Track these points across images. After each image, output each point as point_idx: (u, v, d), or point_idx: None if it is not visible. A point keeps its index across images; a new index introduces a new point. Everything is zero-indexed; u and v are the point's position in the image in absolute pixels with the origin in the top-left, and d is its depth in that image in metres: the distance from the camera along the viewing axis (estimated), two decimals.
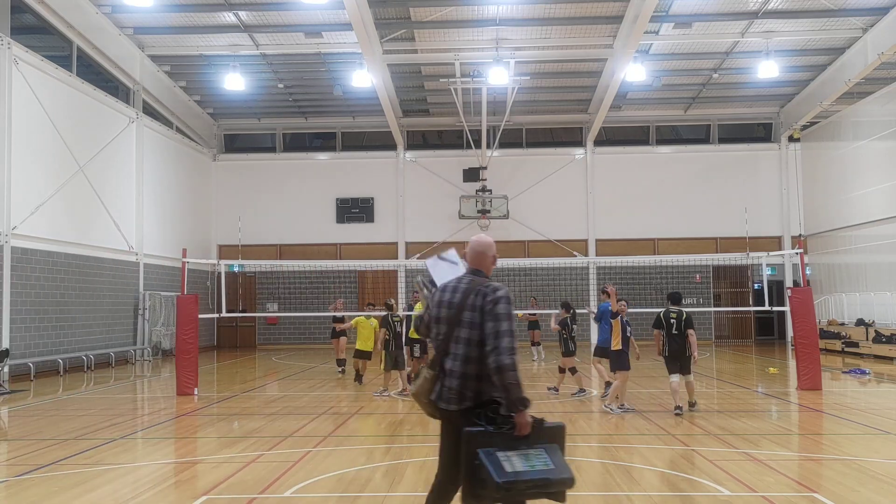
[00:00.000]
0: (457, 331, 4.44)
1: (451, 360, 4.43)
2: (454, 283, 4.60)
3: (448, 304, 4.52)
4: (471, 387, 4.37)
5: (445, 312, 4.52)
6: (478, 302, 4.41)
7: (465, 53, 22.84)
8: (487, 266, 4.70)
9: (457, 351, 4.43)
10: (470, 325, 4.40)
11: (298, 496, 6.92)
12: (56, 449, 9.23)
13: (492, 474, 4.02)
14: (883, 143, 22.98)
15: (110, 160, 21.66)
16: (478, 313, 4.39)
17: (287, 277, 28.14)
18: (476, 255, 4.70)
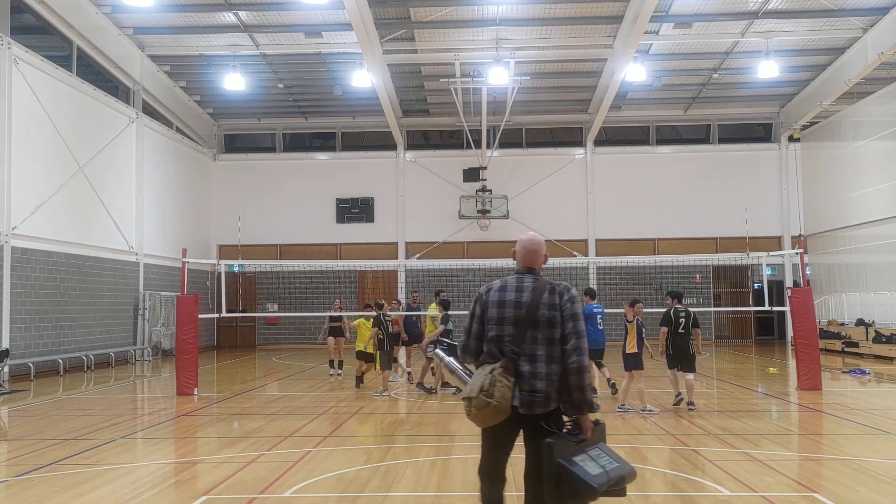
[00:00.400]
0: (531, 331, 4.24)
1: (531, 363, 4.20)
2: (515, 283, 4.40)
3: (515, 304, 4.30)
4: (555, 388, 4.21)
5: (513, 313, 4.29)
6: (555, 300, 4.27)
7: (465, 53, 22.84)
8: (540, 265, 4.56)
9: (536, 352, 4.22)
10: (549, 324, 4.24)
11: (298, 496, 6.92)
12: (56, 449, 9.23)
13: (587, 481, 3.96)
14: (883, 143, 22.98)
15: (110, 160, 21.66)
16: (557, 312, 4.25)
17: (287, 277, 28.15)
18: (529, 254, 4.55)
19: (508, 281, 4.43)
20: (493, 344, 4.30)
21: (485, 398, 4.13)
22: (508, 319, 4.28)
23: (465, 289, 26.72)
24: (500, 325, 4.30)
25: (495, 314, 4.32)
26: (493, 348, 4.29)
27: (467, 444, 9.32)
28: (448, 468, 7.91)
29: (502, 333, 4.28)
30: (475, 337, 4.40)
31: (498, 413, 4.14)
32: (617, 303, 27.22)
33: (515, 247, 4.59)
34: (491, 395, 4.12)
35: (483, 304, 4.39)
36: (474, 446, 9.10)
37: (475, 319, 4.41)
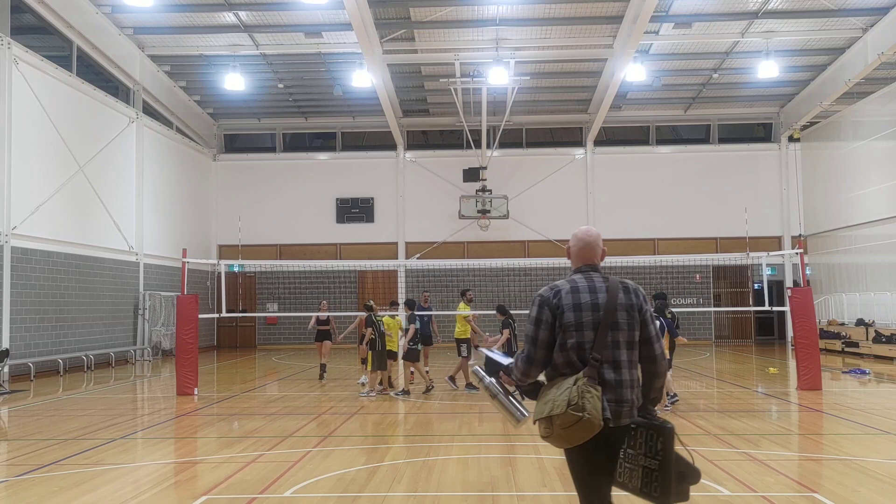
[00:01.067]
0: (612, 335, 3.88)
1: (615, 369, 3.85)
2: (585, 283, 3.99)
3: (592, 307, 3.90)
4: (637, 395, 3.93)
5: (591, 316, 3.89)
6: (632, 300, 3.97)
7: (465, 53, 22.84)
8: (600, 260, 4.17)
9: (619, 357, 3.88)
10: (628, 327, 3.92)
11: (298, 496, 6.92)
12: (56, 449, 9.23)
13: (690, 462, 3.81)
14: (883, 143, 22.99)
15: (110, 160, 21.66)
16: (635, 313, 3.95)
17: (287, 277, 28.15)
18: (588, 248, 4.15)
19: (577, 281, 4.01)
20: (574, 352, 3.87)
21: (574, 413, 3.69)
22: (587, 324, 3.88)
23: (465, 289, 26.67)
24: (579, 330, 3.88)
25: (573, 319, 3.89)
26: (572, 357, 3.86)
27: (467, 444, 9.33)
28: (448, 468, 7.91)
29: (582, 340, 3.87)
30: (544, 346, 3.93)
31: (589, 428, 3.71)
32: None
33: (570, 243, 4.19)
34: (581, 408, 3.69)
35: (554, 308, 3.93)
36: (474, 446, 9.15)
37: (544, 326, 3.92)
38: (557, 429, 3.74)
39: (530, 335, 3.96)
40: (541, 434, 3.87)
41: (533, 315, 3.97)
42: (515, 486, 7.11)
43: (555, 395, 3.79)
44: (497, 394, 4.11)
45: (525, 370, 3.97)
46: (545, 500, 6.67)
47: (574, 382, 3.76)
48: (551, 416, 3.75)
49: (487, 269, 27.48)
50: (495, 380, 4.14)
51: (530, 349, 3.95)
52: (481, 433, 10.22)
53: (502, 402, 4.12)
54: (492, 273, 27.59)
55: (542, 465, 8.03)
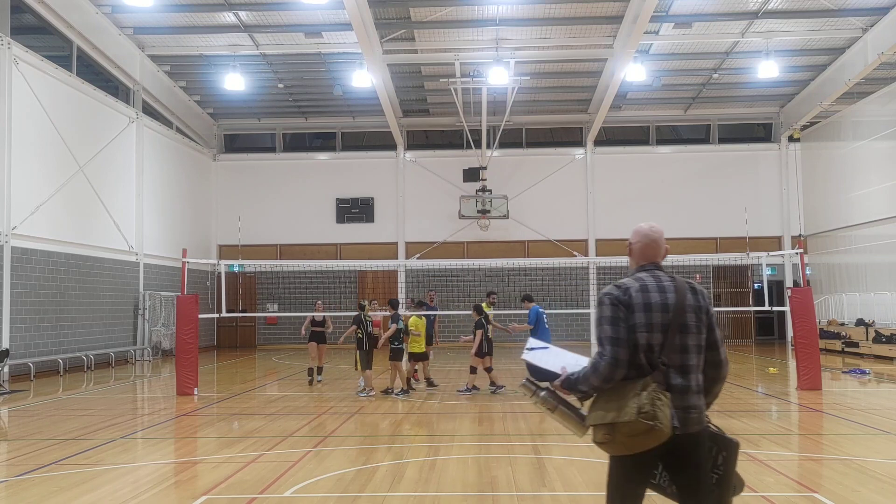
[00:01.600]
0: (680, 338, 3.67)
1: (683, 374, 3.64)
2: (653, 282, 3.77)
3: (662, 307, 3.69)
4: (704, 401, 3.74)
5: (660, 317, 3.67)
6: (699, 301, 3.76)
7: (465, 53, 22.84)
8: (662, 258, 3.95)
9: (687, 361, 3.66)
10: (697, 329, 3.71)
11: (298, 496, 6.92)
12: (56, 449, 9.23)
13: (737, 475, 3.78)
14: (883, 143, 22.98)
15: (110, 160, 21.66)
16: (703, 315, 3.75)
17: (287, 277, 28.15)
18: (656, 246, 3.91)
19: (644, 279, 3.78)
20: (643, 355, 3.63)
21: (645, 421, 3.45)
22: (657, 325, 3.65)
23: (465, 289, 26.75)
24: (648, 332, 3.65)
25: (644, 319, 3.66)
26: (640, 359, 3.63)
27: (467, 444, 9.33)
28: (448, 468, 7.91)
29: (652, 342, 3.64)
30: (627, 345, 3.65)
31: (658, 437, 3.48)
32: None
33: (631, 239, 3.96)
34: (653, 416, 3.45)
35: (627, 306, 3.69)
36: (474, 446, 9.15)
37: (623, 325, 3.66)
38: (621, 436, 3.51)
39: (611, 335, 3.65)
40: (595, 439, 3.63)
41: (608, 314, 3.70)
42: (515, 486, 7.11)
43: (619, 400, 3.55)
44: (557, 405, 3.82)
45: (609, 375, 3.62)
46: (545, 500, 6.67)
47: (643, 388, 3.53)
48: (615, 422, 3.52)
49: (487, 269, 27.47)
50: (548, 391, 3.84)
51: (614, 350, 3.63)
52: (481, 433, 10.22)
53: (566, 413, 3.81)
54: (492, 273, 27.59)
55: (542, 464, 8.03)
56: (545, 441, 9.43)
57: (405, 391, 14.01)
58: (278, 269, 27.81)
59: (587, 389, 3.70)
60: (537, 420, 11.16)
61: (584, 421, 3.74)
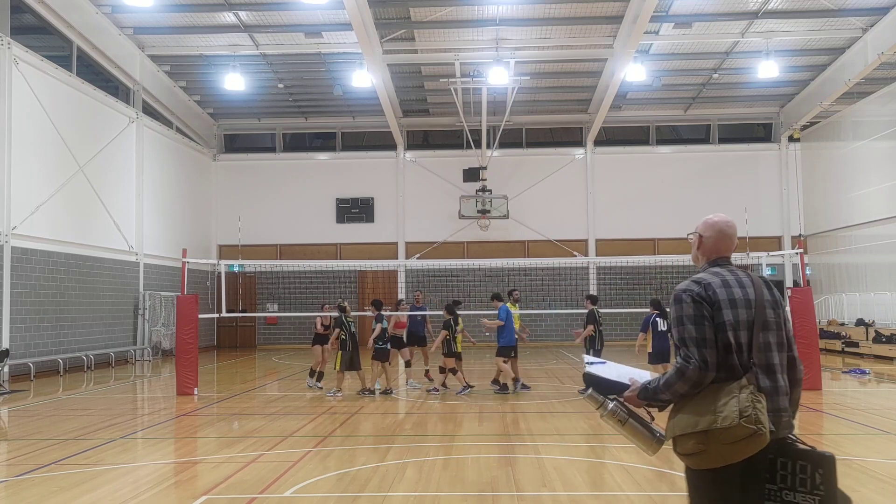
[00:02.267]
0: (764, 335, 3.41)
1: (770, 375, 3.37)
2: (732, 277, 3.51)
3: (745, 303, 3.43)
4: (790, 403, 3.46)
5: (745, 314, 3.40)
6: (776, 297, 3.53)
7: (465, 53, 22.84)
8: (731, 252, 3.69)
9: (772, 361, 3.40)
10: (777, 326, 3.47)
11: (298, 496, 6.92)
12: (56, 449, 9.23)
13: None
14: (883, 143, 22.98)
15: (110, 160, 21.66)
16: (781, 311, 3.52)
17: (287, 277, 28.14)
18: (729, 240, 3.65)
19: (723, 275, 3.51)
20: (733, 355, 3.34)
21: (748, 425, 3.16)
22: (743, 323, 3.39)
23: (465, 289, 26.73)
24: (735, 330, 3.37)
25: (731, 317, 3.38)
26: (731, 360, 3.33)
27: (467, 444, 9.33)
28: (448, 468, 7.91)
29: (739, 340, 3.36)
30: (715, 345, 3.35)
31: (759, 443, 3.19)
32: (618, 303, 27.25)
33: (701, 231, 3.67)
34: (755, 419, 3.17)
35: (711, 303, 3.41)
36: (474, 446, 9.15)
37: (708, 324, 3.37)
38: (718, 444, 3.19)
39: (696, 336, 3.34)
40: (683, 450, 3.29)
41: (690, 313, 3.38)
42: (515, 486, 7.11)
43: (715, 404, 3.24)
44: (627, 418, 3.53)
45: (699, 380, 3.31)
46: (545, 500, 6.67)
47: (740, 390, 3.24)
48: (710, 429, 3.20)
49: (487, 269, 27.47)
50: (618, 402, 3.56)
51: (702, 352, 3.32)
52: (481, 433, 10.22)
53: (637, 427, 3.52)
54: (492, 273, 27.58)
55: (542, 465, 8.03)
56: (545, 441, 9.43)
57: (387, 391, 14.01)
58: (278, 269, 27.81)
59: (670, 398, 3.40)
60: (537, 420, 11.17)
61: (657, 435, 3.50)
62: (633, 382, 3.55)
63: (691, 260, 3.75)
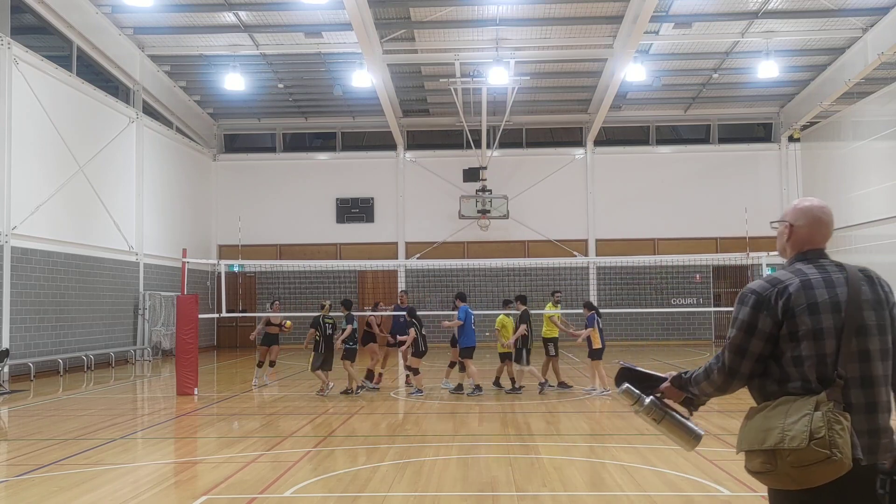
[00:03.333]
0: (858, 342, 2.89)
1: (867, 389, 2.87)
2: (819, 275, 3.02)
3: (832, 306, 2.92)
4: None
5: (831, 320, 2.90)
6: (879, 294, 2.99)
7: (465, 53, 22.84)
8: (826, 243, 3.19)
9: (871, 372, 2.89)
10: (880, 331, 2.93)
11: (298, 496, 6.92)
12: (56, 449, 9.23)
13: None
14: (883, 143, 22.98)
15: (110, 160, 21.66)
16: (885, 311, 2.97)
17: (287, 277, 28.13)
18: (825, 229, 3.17)
19: (806, 272, 3.03)
20: (812, 367, 2.89)
21: (819, 450, 2.72)
22: (828, 330, 2.89)
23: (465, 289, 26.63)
24: (818, 339, 2.89)
25: (809, 324, 2.91)
26: (808, 374, 2.89)
27: (467, 444, 9.33)
28: (448, 468, 7.91)
29: (822, 351, 2.88)
30: (754, 358, 3.02)
31: (837, 470, 2.73)
32: (618, 303, 27.27)
33: (791, 220, 3.17)
34: (830, 443, 2.71)
35: (779, 311, 2.95)
36: (474, 446, 9.15)
37: (759, 336, 2.98)
38: (787, 466, 2.79)
39: (737, 343, 3.03)
40: (752, 468, 2.93)
41: (743, 318, 3.01)
42: (515, 486, 7.11)
43: (784, 420, 2.84)
44: (665, 415, 3.32)
45: (722, 385, 3.13)
46: (545, 500, 6.67)
47: (816, 407, 2.80)
48: (778, 448, 2.80)
49: (487, 269, 27.47)
50: (655, 398, 3.35)
51: (734, 360, 3.05)
52: (481, 433, 10.23)
53: (675, 423, 3.33)
54: (492, 273, 27.58)
55: (542, 464, 8.03)
56: (545, 441, 9.43)
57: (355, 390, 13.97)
58: (278, 269, 27.79)
59: (697, 393, 3.23)
60: (537, 420, 11.17)
61: (695, 433, 3.31)
62: (669, 375, 3.38)
63: (778, 252, 3.27)
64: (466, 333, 14.05)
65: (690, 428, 3.34)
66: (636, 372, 3.47)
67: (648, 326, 28.26)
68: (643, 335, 28.17)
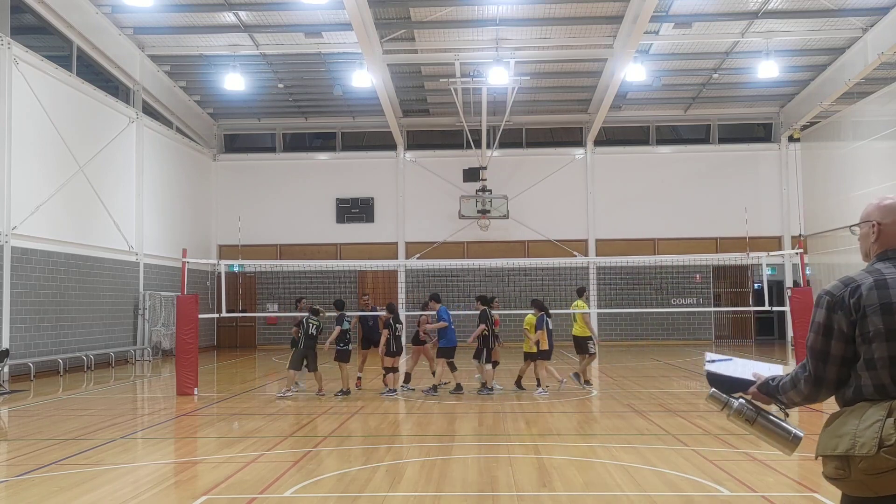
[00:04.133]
0: None
1: None
2: (894, 274, 2.93)
3: None
4: None
5: None
6: None
7: (465, 53, 22.84)
8: None
9: None
10: None
11: (298, 496, 6.92)
12: (56, 449, 9.23)
13: None
14: (883, 143, 22.97)
15: (110, 160, 21.66)
16: None
17: (287, 277, 28.14)
18: None
19: (885, 273, 2.94)
20: (885, 370, 2.83)
21: (889, 457, 2.69)
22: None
23: (465, 289, 26.73)
24: (891, 340, 2.84)
25: (881, 325, 2.84)
26: (882, 377, 2.84)
27: (467, 444, 9.33)
28: (448, 468, 7.91)
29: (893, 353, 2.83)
30: (838, 362, 2.96)
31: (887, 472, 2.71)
32: (617, 303, 27.27)
33: (877, 218, 3.05)
34: None
35: (851, 311, 2.91)
36: (474, 446, 9.15)
37: (837, 336, 2.94)
38: (860, 473, 2.77)
39: (817, 347, 3.00)
40: (827, 474, 2.92)
41: (819, 321, 2.98)
42: (515, 486, 7.11)
43: (855, 427, 2.83)
44: (756, 416, 3.25)
45: (810, 393, 3.08)
46: (545, 500, 6.67)
47: (889, 413, 2.76)
48: (849, 455, 2.79)
49: (487, 270, 27.47)
50: (744, 400, 3.29)
51: (818, 367, 3.01)
52: (481, 433, 10.23)
53: (768, 425, 3.24)
54: (492, 273, 27.59)
55: (542, 464, 8.03)
56: (545, 441, 9.43)
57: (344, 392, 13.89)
58: (278, 269, 27.80)
59: (786, 402, 3.16)
60: (537, 420, 11.17)
61: (792, 434, 3.21)
62: (757, 378, 3.29)
63: (862, 256, 3.15)
64: (448, 333, 14.03)
65: (787, 429, 3.22)
66: (722, 376, 3.43)
67: (648, 326, 28.27)
68: (643, 335, 28.18)
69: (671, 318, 28.17)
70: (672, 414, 11.40)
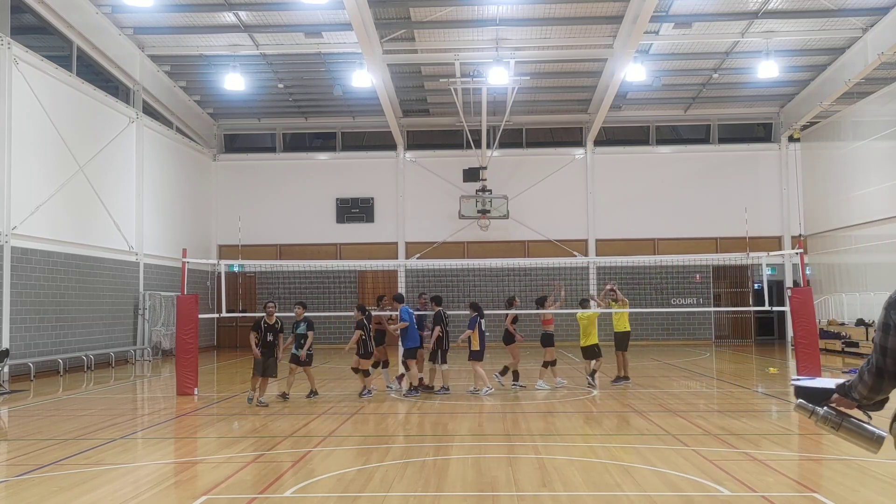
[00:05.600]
0: None
1: None
2: None
3: None
4: None
5: None
6: None
7: (465, 53, 22.85)
8: None
9: None
10: None
11: (298, 496, 6.92)
12: (56, 449, 9.23)
13: None
14: (883, 143, 22.98)
15: (110, 160, 21.66)
16: None
17: (287, 277, 28.13)
18: None
19: None
20: None
21: None
22: None
23: (465, 289, 26.73)
24: None
25: None
26: None
27: (467, 444, 9.33)
28: (448, 468, 7.91)
29: None
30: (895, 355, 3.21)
31: None
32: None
33: None
34: None
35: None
36: (474, 446, 9.15)
37: (894, 333, 3.25)
38: None
39: (877, 342, 3.31)
40: None
41: (882, 319, 3.31)
42: (515, 486, 7.11)
43: None
44: (841, 422, 3.52)
45: (874, 385, 3.32)
46: (545, 500, 6.67)
47: None
48: None
49: (487, 269, 27.47)
50: (829, 407, 3.56)
51: (879, 359, 3.28)
52: (481, 433, 10.23)
53: (853, 429, 3.50)
54: (492, 273, 27.59)
55: (542, 464, 8.03)
56: (545, 441, 9.43)
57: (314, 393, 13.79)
58: (278, 269, 27.79)
59: (858, 398, 3.42)
60: (537, 420, 11.17)
61: (875, 435, 3.46)
62: (836, 385, 3.56)
63: None
64: (410, 335, 13.94)
65: (871, 430, 3.46)
66: (807, 388, 3.68)
67: (648, 326, 28.26)
68: (643, 335, 28.15)
69: (671, 318, 28.18)
70: (672, 414, 11.40)
